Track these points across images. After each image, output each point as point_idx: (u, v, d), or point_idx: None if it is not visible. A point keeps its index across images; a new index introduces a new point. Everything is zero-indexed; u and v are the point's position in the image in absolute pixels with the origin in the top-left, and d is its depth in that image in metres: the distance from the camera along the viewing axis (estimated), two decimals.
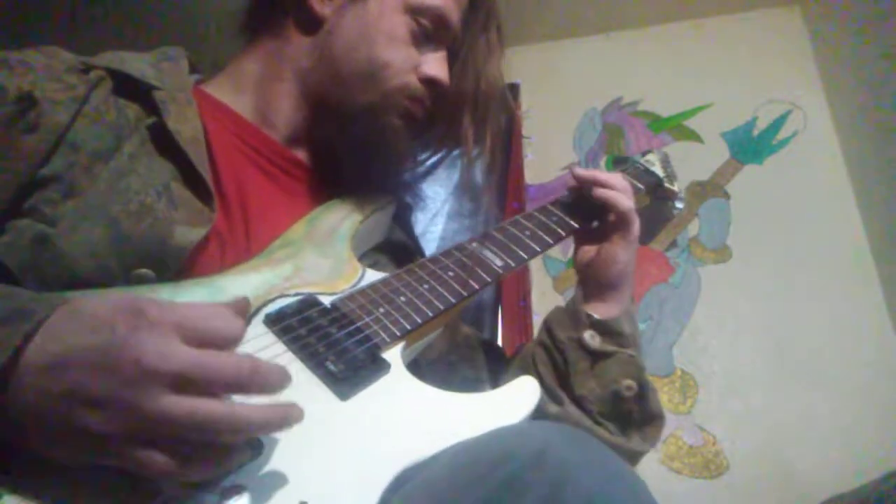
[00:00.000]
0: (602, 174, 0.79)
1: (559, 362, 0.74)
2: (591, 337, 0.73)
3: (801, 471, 1.70)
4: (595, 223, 0.81)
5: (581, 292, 0.77)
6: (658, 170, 0.93)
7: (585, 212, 0.80)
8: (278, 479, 0.48)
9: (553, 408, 0.73)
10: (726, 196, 2.08)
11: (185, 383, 0.43)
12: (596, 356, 0.73)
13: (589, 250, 0.79)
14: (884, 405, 1.72)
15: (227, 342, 0.47)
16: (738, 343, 1.90)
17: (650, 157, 0.96)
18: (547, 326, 0.77)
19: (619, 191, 0.77)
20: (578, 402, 0.73)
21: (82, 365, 0.43)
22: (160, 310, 0.46)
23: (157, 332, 0.44)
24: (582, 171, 0.79)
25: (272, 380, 0.46)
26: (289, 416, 0.46)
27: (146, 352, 0.43)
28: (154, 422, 0.43)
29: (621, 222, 0.76)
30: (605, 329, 0.74)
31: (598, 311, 0.75)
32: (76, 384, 0.43)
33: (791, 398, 1.78)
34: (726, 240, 2.03)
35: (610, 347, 0.73)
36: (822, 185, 2.02)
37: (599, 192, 0.77)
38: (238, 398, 0.46)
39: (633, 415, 0.74)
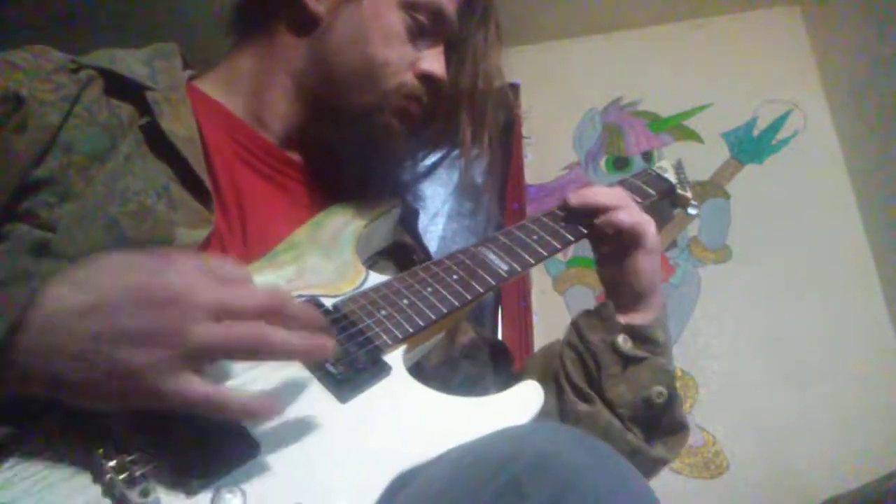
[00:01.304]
0: (594, 197, 0.77)
1: (590, 364, 0.73)
2: (623, 341, 0.72)
3: (801, 471, 1.70)
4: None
5: (612, 301, 0.75)
6: (671, 176, 0.93)
7: (593, 215, 0.79)
8: (274, 481, 0.48)
9: (584, 406, 0.72)
10: (726, 196, 2.08)
11: (222, 312, 0.47)
12: (628, 360, 0.72)
13: (612, 267, 0.77)
14: (883, 406, 1.72)
15: (245, 279, 0.52)
16: (738, 343, 1.90)
17: (663, 163, 0.96)
18: (577, 329, 0.76)
19: (618, 209, 0.75)
20: (608, 404, 0.72)
21: (122, 304, 0.45)
22: (183, 256, 0.50)
23: (191, 271, 0.48)
24: (574, 201, 0.77)
25: (298, 309, 0.51)
26: (321, 345, 0.50)
27: (184, 285, 0.47)
28: (198, 348, 0.46)
29: (634, 237, 0.75)
30: (637, 334, 0.73)
31: (631, 318, 0.74)
32: (118, 322, 0.45)
33: (791, 398, 1.79)
34: (726, 240, 2.03)
35: (642, 353, 0.72)
36: (822, 185, 2.02)
37: (599, 220, 0.76)
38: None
39: (660, 422, 0.73)
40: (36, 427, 0.47)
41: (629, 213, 0.75)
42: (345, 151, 0.79)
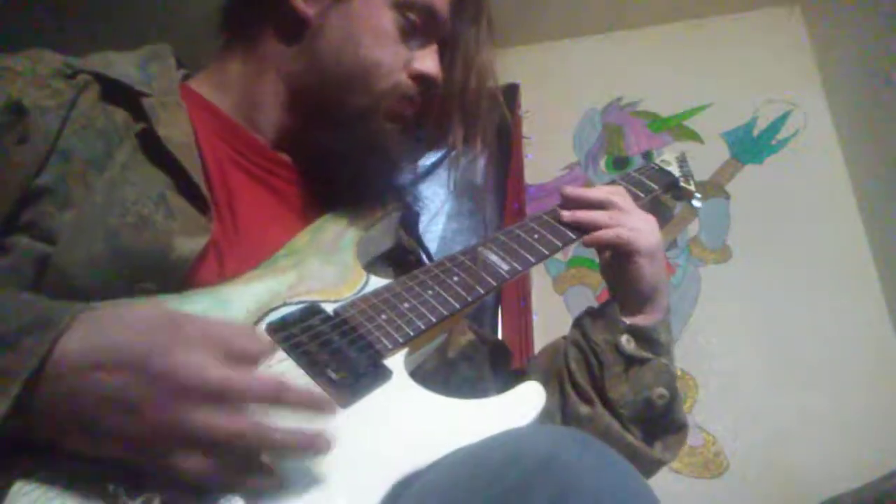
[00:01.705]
0: (584, 214, 0.77)
1: (593, 363, 0.73)
2: (627, 341, 0.72)
3: (801, 471, 1.70)
4: None
5: (616, 302, 0.76)
6: (674, 169, 0.93)
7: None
8: (276, 487, 0.48)
9: (584, 409, 0.72)
10: (726, 196, 2.08)
11: (220, 398, 0.46)
12: (631, 361, 0.72)
13: (615, 270, 0.77)
14: (884, 405, 1.72)
15: (256, 359, 0.50)
16: (738, 343, 1.90)
17: (666, 156, 0.96)
18: (580, 328, 0.76)
19: (603, 225, 0.75)
20: (609, 405, 0.72)
21: (122, 369, 0.45)
22: (196, 325, 0.48)
23: (195, 346, 0.47)
24: (567, 218, 0.78)
25: (300, 397, 0.49)
26: (314, 443, 0.48)
27: (186, 365, 0.45)
28: (186, 432, 0.45)
29: (627, 248, 0.75)
30: (641, 335, 0.73)
31: (634, 319, 0.74)
32: (114, 389, 0.45)
33: (791, 398, 1.78)
34: (726, 240, 2.03)
35: (645, 354, 0.72)
36: (822, 185, 2.02)
37: (585, 241, 0.77)
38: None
39: (660, 423, 0.74)
40: (52, 456, 0.47)
41: (616, 226, 0.75)
42: (339, 153, 0.78)
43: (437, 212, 2.01)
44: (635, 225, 0.75)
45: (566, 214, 0.78)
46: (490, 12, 0.85)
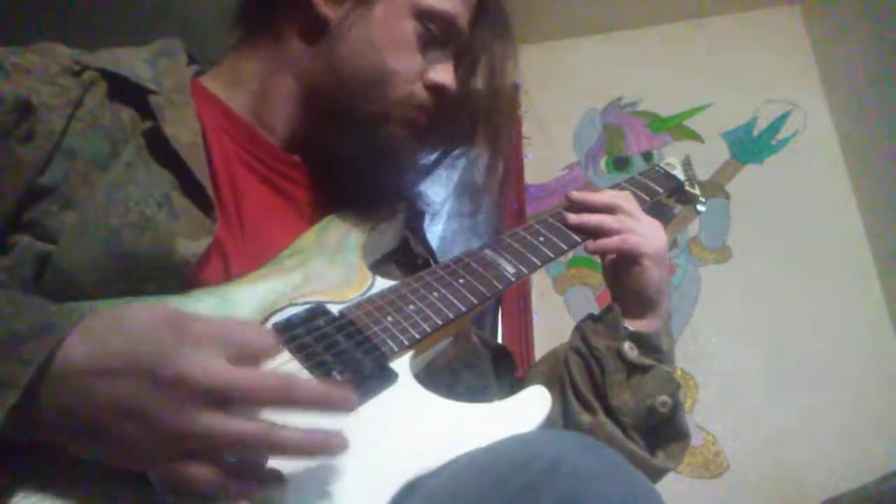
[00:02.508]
0: (590, 218, 0.77)
1: (595, 370, 0.73)
2: (629, 348, 0.72)
3: (801, 471, 1.70)
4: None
5: (618, 307, 0.75)
6: (679, 173, 0.93)
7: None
8: (283, 490, 0.48)
9: (586, 417, 0.72)
10: (726, 196, 2.08)
11: (226, 399, 0.45)
12: (633, 368, 0.72)
13: (618, 274, 0.77)
14: (884, 405, 1.72)
15: (262, 356, 0.49)
16: (738, 343, 1.90)
17: (671, 159, 0.96)
18: (581, 334, 0.76)
19: (608, 232, 0.75)
20: (611, 412, 0.72)
21: (125, 374, 0.44)
22: (201, 325, 0.47)
23: (200, 347, 0.45)
24: (573, 221, 0.78)
25: (311, 394, 0.47)
26: (327, 444, 0.47)
27: (191, 367, 0.44)
28: (192, 438, 0.44)
29: (630, 255, 0.75)
30: (643, 342, 0.73)
31: (636, 325, 0.74)
32: (119, 395, 0.44)
33: (791, 398, 1.79)
34: (726, 240, 2.03)
35: (647, 361, 0.72)
36: (822, 185, 2.02)
37: (590, 247, 0.77)
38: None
39: (662, 431, 0.73)
40: (56, 463, 0.46)
41: (623, 234, 0.75)
42: (350, 158, 0.78)
43: (437, 212, 2.00)
44: (642, 230, 0.75)
45: (572, 218, 0.78)
46: (511, 23, 0.85)
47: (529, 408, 0.58)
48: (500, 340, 1.87)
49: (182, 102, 0.68)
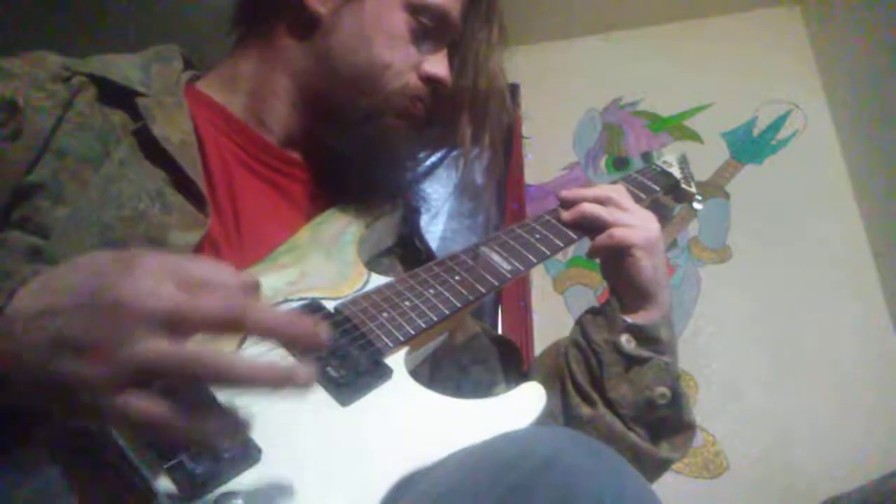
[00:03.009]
0: (589, 207, 0.77)
1: (593, 364, 0.73)
2: (627, 341, 0.72)
3: (801, 471, 1.70)
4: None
5: (616, 300, 0.75)
6: (675, 171, 0.93)
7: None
8: (275, 486, 0.48)
9: (586, 410, 0.72)
10: (726, 196, 2.08)
11: (175, 325, 0.42)
12: (631, 361, 0.72)
13: (615, 267, 0.76)
14: (884, 405, 1.72)
15: (218, 284, 0.44)
16: (738, 343, 1.89)
17: (668, 157, 0.96)
18: (581, 327, 0.76)
19: (604, 225, 0.75)
20: (610, 405, 0.72)
21: (67, 309, 0.42)
22: (149, 257, 0.44)
23: (147, 274, 0.43)
24: (567, 218, 0.78)
25: (267, 322, 0.43)
26: (288, 375, 0.42)
27: (133, 292, 0.41)
28: (137, 364, 0.41)
29: (627, 248, 0.74)
30: (641, 334, 0.73)
31: (635, 317, 0.74)
32: (59, 329, 0.42)
33: (791, 398, 1.78)
34: (726, 240, 2.03)
35: (645, 353, 0.72)
36: (822, 185, 2.02)
37: (594, 245, 0.76)
38: None
39: (665, 422, 0.73)
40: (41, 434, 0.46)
41: (610, 230, 0.75)
42: (347, 153, 0.79)
43: (437, 212, 2.00)
44: (630, 221, 0.75)
45: (565, 214, 0.78)
46: (502, 16, 0.85)
47: (524, 404, 0.58)
48: None
49: (173, 104, 0.69)
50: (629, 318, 0.73)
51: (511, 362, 0.85)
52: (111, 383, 0.41)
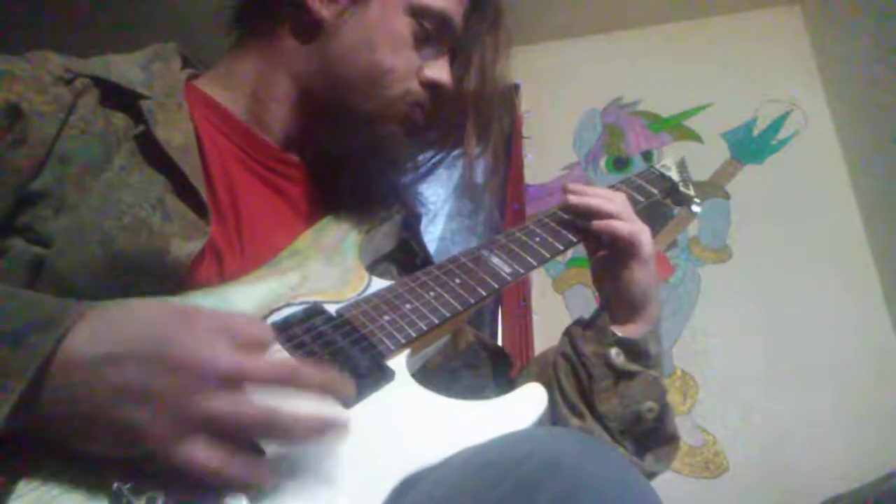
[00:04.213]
0: (595, 199, 0.77)
1: (582, 376, 0.73)
2: (616, 354, 0.72)
3: (801, 471, 1.70)
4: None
5: (606, 312, 0.75)
6: (674, 174, 0.93)
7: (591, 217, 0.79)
8: (279, 488, 0.48)
9: (574, 421, 0.72)
10: (726, 196, 2.08)
11: (233, 384, 0.46)
12: (620, 375, 0.72)
13: (608, 276, 0.76)
14: (884, 405, 1.72)
15: (264, 345, 0.50)
16: (738, 343, 1.90)
17: (666, 161, 0.96)
18: (570, 338, 0.76)
19: (615, 216, 0.75)
20: (599, 418, 0.72)
21: (136, 360, 0.45)
22: (205, 315, 0.49)
23: (205, 335, 0.47)
24: (574, 200, 0.77)
25: (313, 379, 0.49)
26: (330, 427, 0.48)
27: (198, 353, 0.45)
28: (202, 420, 0.45)
29: (630, 246, 0.74)
30: (630, 348, 0.73)
31: (624, 330, 0.74)
32: (128, 379, 0.45)
33: (791, 398, 1.79)
34: (726, 240, 2.03)
35: (634, 367, 0.72)
36: (822, 185, 2.02)
37: (596, 224, 0.76)
38: None
39: (650, 435, 0.73)
40: (56, 454, 0.46)
41: (626, 222, 0.75)
42: (347, 156, 0.78)
43: (437, 212, 2.01)
44: (639, 228, 0.75)
45: (573, 198, 0.78)
46: (507, 21, 0.85)
47: (525, 405, 0.59)
48: (500, 341, 1.88)
49: (174, 106, 0.68)
50: (619, 332, 0.73)
51: (499, 367, 0.85)
52: (180, 433, 0.44)
